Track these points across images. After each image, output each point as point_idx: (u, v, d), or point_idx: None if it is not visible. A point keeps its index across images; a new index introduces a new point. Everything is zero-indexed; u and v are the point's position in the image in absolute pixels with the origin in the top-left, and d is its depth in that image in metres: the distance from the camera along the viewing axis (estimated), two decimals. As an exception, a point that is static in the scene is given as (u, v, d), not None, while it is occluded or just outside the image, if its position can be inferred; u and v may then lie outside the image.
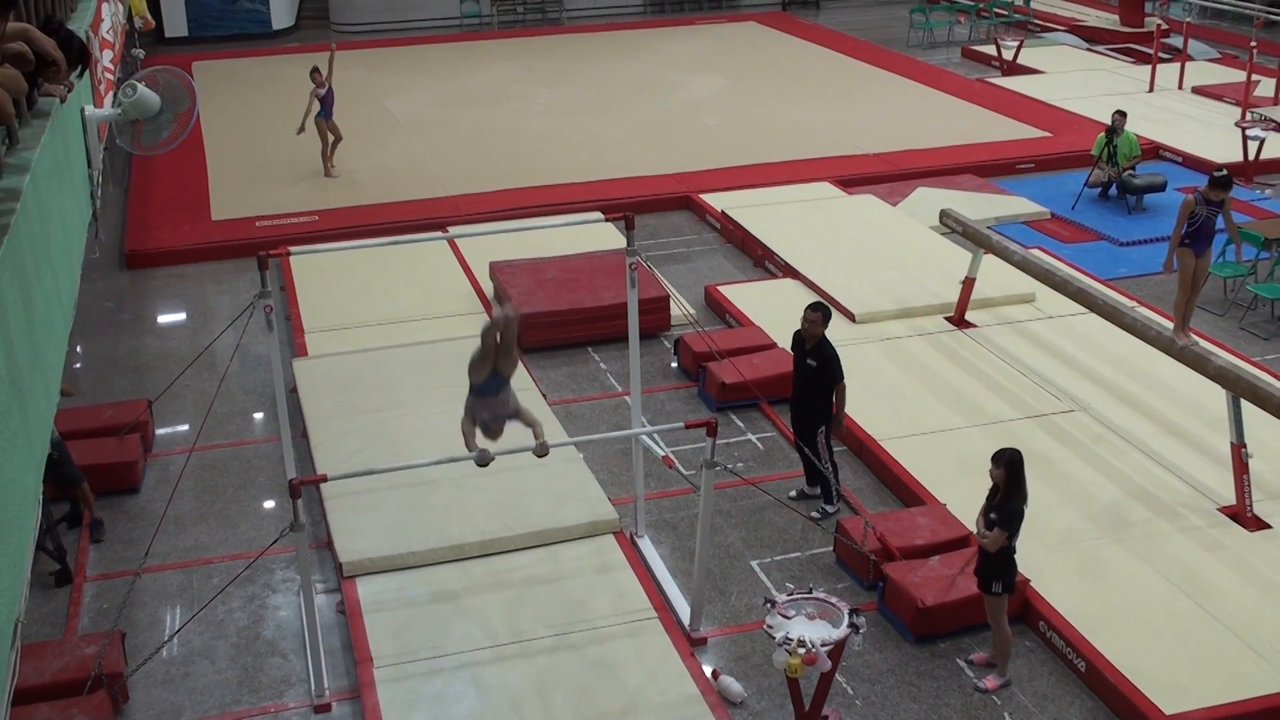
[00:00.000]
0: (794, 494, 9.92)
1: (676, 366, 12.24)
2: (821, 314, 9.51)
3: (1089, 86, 21.87)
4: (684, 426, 7.94)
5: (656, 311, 12.60)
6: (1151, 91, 21.37)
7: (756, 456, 10.64)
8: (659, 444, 9.47)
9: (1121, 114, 16.18)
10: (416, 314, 13.14)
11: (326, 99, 16.88)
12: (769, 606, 7.33)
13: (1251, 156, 17.13)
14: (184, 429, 11.28)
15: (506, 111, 21.22)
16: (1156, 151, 18.25)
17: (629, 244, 8.91)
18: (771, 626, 7.13)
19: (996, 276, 12.99)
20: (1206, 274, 11.15)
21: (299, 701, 7.95)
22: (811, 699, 7.35)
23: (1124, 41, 25.49)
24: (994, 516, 7.62)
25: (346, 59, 21.77)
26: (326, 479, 8.00)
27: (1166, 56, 22.42)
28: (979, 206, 15.69)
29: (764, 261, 14.72)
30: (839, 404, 9.50)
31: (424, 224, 15.44)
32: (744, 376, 10.88)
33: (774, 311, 12.70)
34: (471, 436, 7.30)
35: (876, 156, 18.24)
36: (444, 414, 7.35)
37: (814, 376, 9.48)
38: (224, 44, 27.16)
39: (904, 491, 9.89)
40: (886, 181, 17.17)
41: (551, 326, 12.57)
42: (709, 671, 8.01)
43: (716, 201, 16.28)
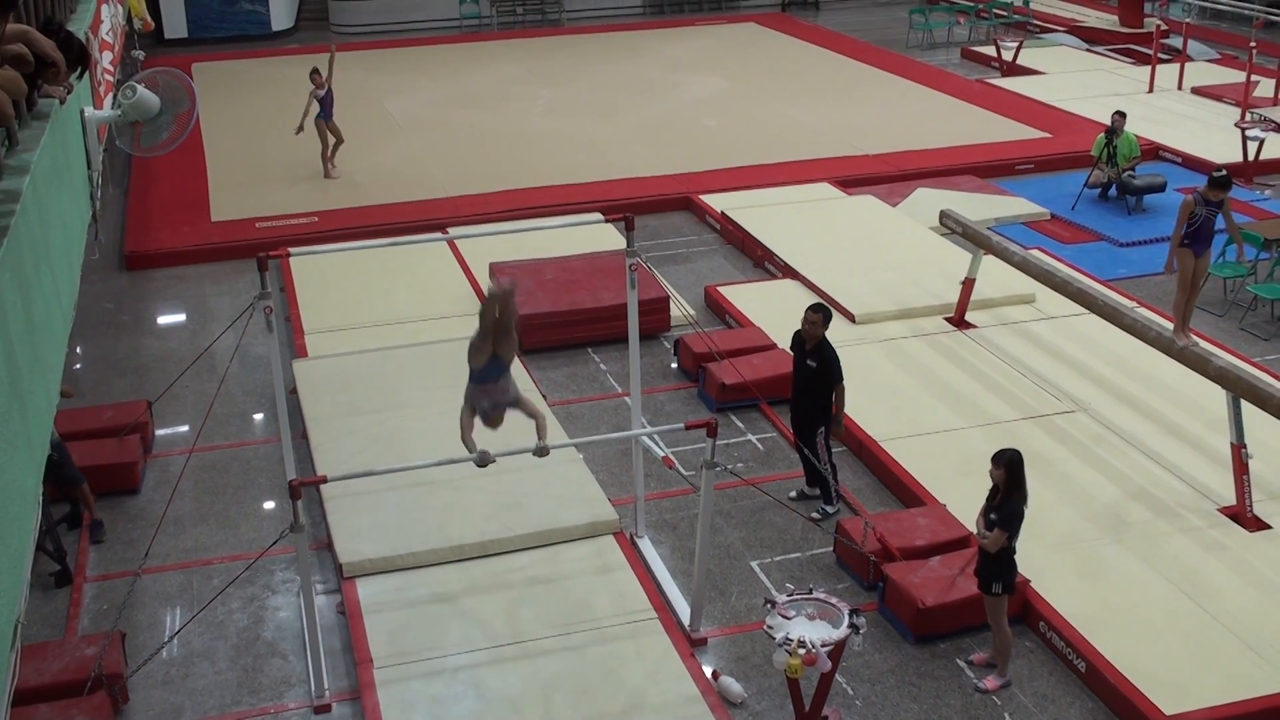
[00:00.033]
0: (794, 494, 9.92)
1: (676, 367, 12.24)
2: (822, 315, 9.50)
3: (1089, 87, 21.87)
4: (684, 427, 7.95)
5: (656, 312, 12.61)
6: (1151, 92, 21.37)
7: (756, 457, 10.64)
8: (659, 445, 9.48)
9: (1121, 115, 16.18)
10: (416, 315, 13.14)
11: (326, 100, 16.88)
12: (769, 607, 7.34)
13: (1251, 157, 17.13)
14: (184, 430, 11.29)
15: (506, 112, 21.22)
16: (1156, 152, 18.24)
17: (629, 245, 8.91)
18: (771, 627, 7.14)
19: (996, 277, 12.99)
20: (1206, 274, 11.16)
21: (299, 702, 7.95)
22: (812, 699, 7.35)
23: (1123, 42, 25.48)
24: (994, 517, 7.62)
25: (346, 60, 21.77)
26: (326, 480, 8.03)
27: (1166, 57, 22.41)
28: (979, 207, 15.69)
29: (764, 262, 14.72)
30: (838, 405, 9.50)
31: (424, 225, 15.45)
32: (744, 377, 10.88)
33: (774, 312, 12.70)
34: (469, 428, 7.27)
35: (876, 157, 18.24)
36: (444, 415, 7.34)
37: (814, 377, 9.48)
38: (223, 45, 27.16)
39: (904, 492, 9.89)
40: (886, 182, 17.16)
41: (551, 327, 12.58)
42: (709, 672, 8.01)
43: (716, 202, 16.27)
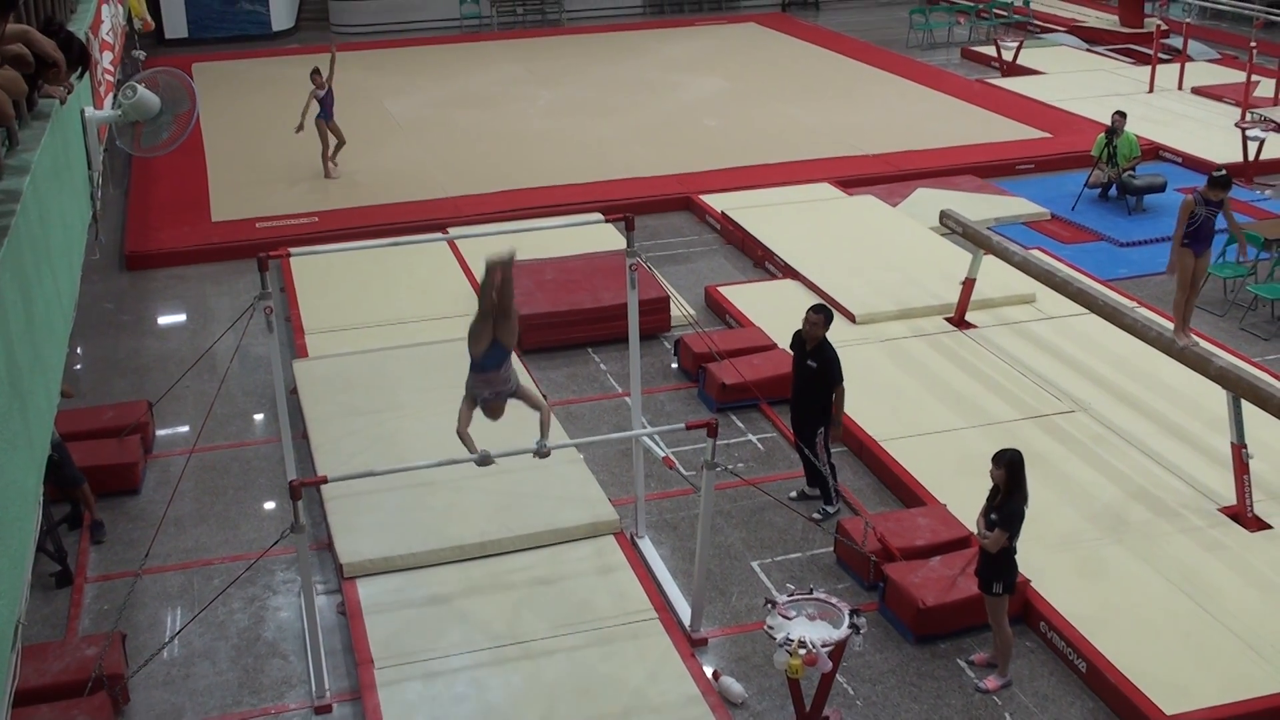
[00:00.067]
0: (794, 495, 9.92)
1: (677, 367, 12.23)
2: (823, 316, 9.50)
3: (1089, 87, 21.86)
4: (684, 427, 7.95)
5: (657, 312, 12.60)
6: (1151, 92, 21.36)
7: (757, 457, 10.64)
8: (659, 445, 9.48)
9: (1121, 115, 16.18)
10: (417, 315, 13.13)
11: (326, 100, 16.88)
12: (769, 607, 7.34)
13: (1251, 157, 17.13)
14: (184, 430, 11.29)
15: (506, 113, 21.22)
16: (1156, 152, 18.24)
17: (629, 245, 8.91)
18: (772, 627, 7.14)
19: (996, 277, 12.99)
20: (1206, 274, 11.16)
21: (300, 703, 7.95)
22: (812, 700, 7.35)
23: (1124, 42, 25.48)
24: (994, 517, 7.62)
25: (346, 60, 21.75)
26: (327, 480, 8.03)
27: (1166, 57, 22.40)
28: (979, 207, 15.69)
29: (764, 262, 14.72)
30: (837, 407, 9.50)
31: (424, 225, 15.45)
32: (744, 377, 10.88)
33: (774, 312, 12.70)
34: (467, 421, 7.25)
35: (876, 157, 18.24)
36: (445, 415, 7.33)
37: (814, 378, 9.47)
38: (224, 45, 27.16)
39: (904, 492, 9.89)
40: (886, 182, 17.16)
41: (552, 327, 12.57)
42: (710, 672, 8.00)
43: (716, 202, 16.27)
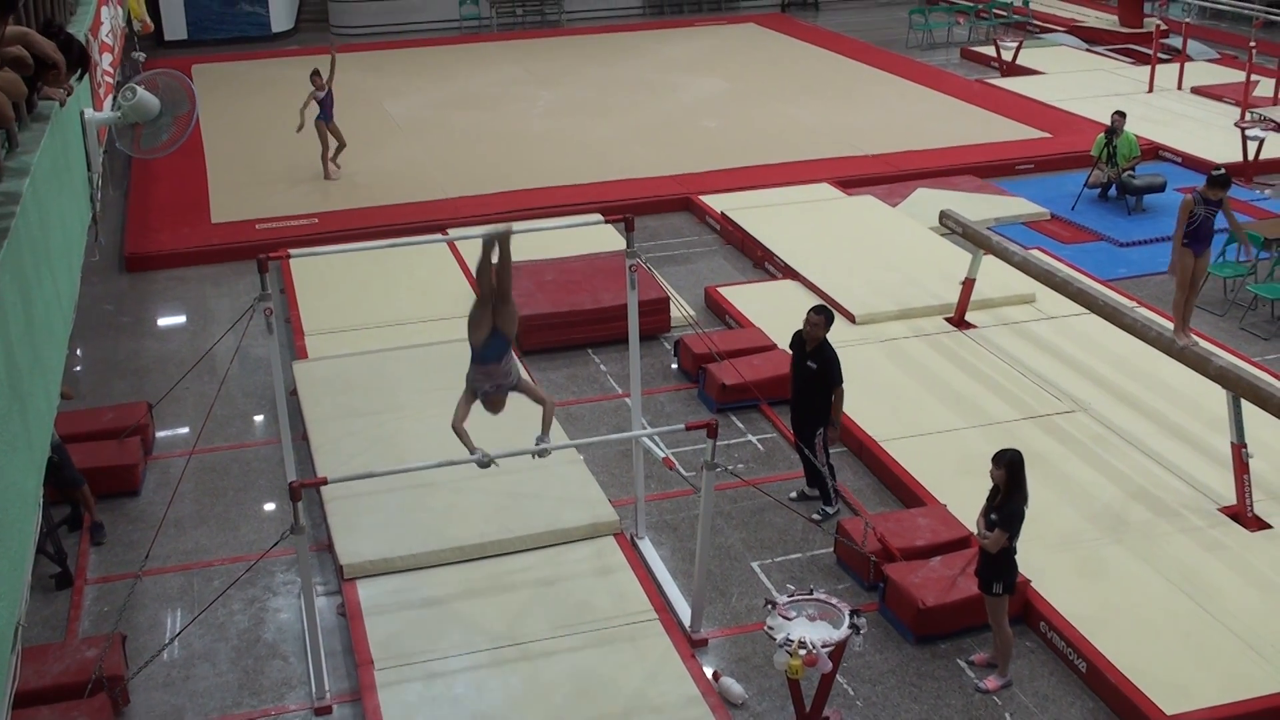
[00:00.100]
0: (794, 495, 9.92)
1: (676, 368, 12.23)
2: (824, 317, 9.49)
3: (1088, 87, 21.86)
4: (684, 428, 7.95)
5: (656, 313, 12.60)
6: (1151, 92, 21.37)
7: (757, 458, 10.63)
8: (659, 446, 9.48)
9: (1121, 114, 16.18)
10: (416, 316, 13.13)
11: (326, 102, 16.88)
12: (770, 608, 7.34)
13: (1251, 157, 17.13)
14: (184, 432, 11.29)
15: (506, 113, 21.22)
16: (1156, 152, 18.24)
17: (629, 246, 8.91)
18: (772, 628, 7.14)
19: (996, 277, 12.99)
20: (1206, 274, 11.15)
21: (300, 704, 7.95)
22: (812, 700, 7.35)
23: (1123, 42, 25.48)
24: (995, 517, 7.62)
25: (346, 61, 21.74)
26: (327, 482, 8.04)
27: (1166, 57, 22.40)
28: (979, 207, 15.69)
29: (764, 263, 14.72)
30: (836, 408, 9.48)
31: (424, 226, 15.45)
32: (744, 378, 10.88)
33: (774, 313, 12.70)
34: (464, 415, 7.24)
35: (876, 157, 18.24)
36: (444, 416, 7.33)
37: (814, 379, 9.47)
38: (223, 47, 27.14)
39: (904, 492, 9.89)
40: (886, 182, 17.16)
41: (551, 328, 12.57)
42: (710, 673, 8.00)
43: (716, 203, 16.27)
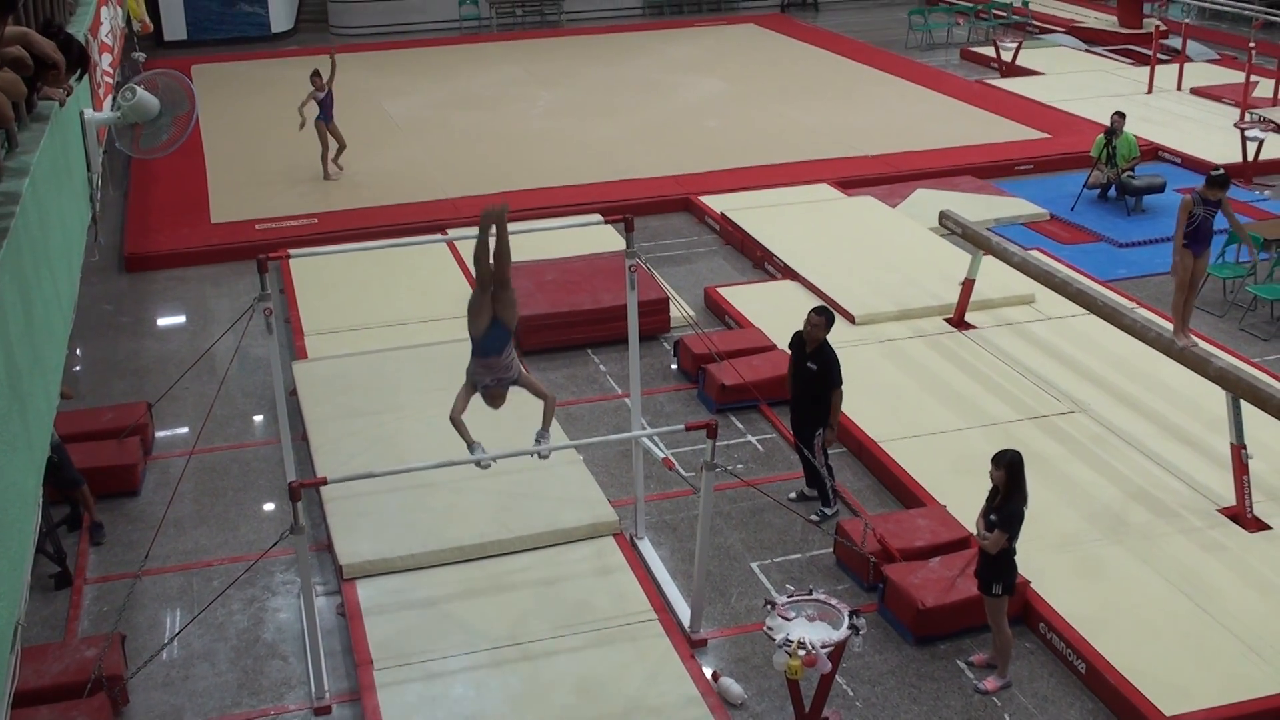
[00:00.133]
0: (794, 495, 9.92)
1: (676, 368, 12.23)
2: (825, 318, 9.48)
3: (1088, 88, 21.86)
4: (684, 428, 7.95)
5: (656, 313, 12.60)
6: (1150, 93, 21.37)
7: (756, 458, 10.64)
8: (659, 446, 9.48)
9: (1120, 115, 16.18)
10: (416, 316, 13.13)
11: (325, 102, 16.87)
12: (769, 608, 7.34)
13: (1250, 157, 17.13)
14: (184, 432, 11.29)
15: (506, 114, 21.22)
16: (1155, 153, 18.24)
17: (629, 246, 8.92)
18: (771, 628, 7.14)
19: (996, 278, 12.99)
20: (1205, 275, 11.16)
21: (299, 704, 7.95)
22: (812, 701, 7.35)
23: (1122, 43, 25.48)
24: (994, 518, 7.62)
25: (345, 61, 21.71)
26: (326, 482, 8.04)
27: (1165, 58, 22.40)
28: (978, 208, 15.69)
29: (763, 263, 14.72)
30: (835, 410, 9.48)
31: (424, 226, 15.45)
32: (743, 378, 10.88)
33: (773, 313, 12.70)
34: (463, 409, 7.22)
35: (876, 158, 18.24)
36: (444, 417, 7.34)
37: (813, 379, 9.46)
38: (223, 47, 27.14)
39: (904, 493, 9.89)
40: (886, 183, 17.15)
41: (551, 328, 12.57)
42: (709, 673, 8.00)
43: (716, 203, 16.27)
